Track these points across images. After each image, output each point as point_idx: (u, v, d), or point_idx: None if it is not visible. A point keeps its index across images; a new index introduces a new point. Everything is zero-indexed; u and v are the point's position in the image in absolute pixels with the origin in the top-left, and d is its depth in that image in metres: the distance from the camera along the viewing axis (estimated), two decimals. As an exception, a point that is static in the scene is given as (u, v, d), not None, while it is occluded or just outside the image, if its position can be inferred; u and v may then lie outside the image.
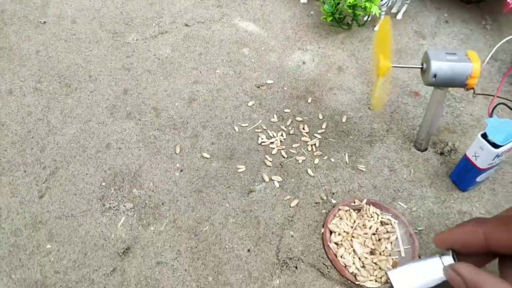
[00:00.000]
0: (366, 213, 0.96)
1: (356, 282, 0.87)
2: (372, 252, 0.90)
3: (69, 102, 1.19)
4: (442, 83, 0.93)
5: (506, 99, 1.00)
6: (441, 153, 1.09)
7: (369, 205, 0.97)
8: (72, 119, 1.15)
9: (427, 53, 0.93)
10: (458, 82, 0.93)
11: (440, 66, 0.91)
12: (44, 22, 1.41)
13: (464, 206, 1.00)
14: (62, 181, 1.02)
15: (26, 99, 1.19)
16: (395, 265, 0.89)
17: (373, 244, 0.91)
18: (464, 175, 1.00)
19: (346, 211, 0.96)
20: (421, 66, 0.95)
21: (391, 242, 0.92)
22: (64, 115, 1.16)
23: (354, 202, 0.98)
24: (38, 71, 1.27)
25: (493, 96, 0.96)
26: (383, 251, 0.91)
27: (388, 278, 0.75)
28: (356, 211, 0.97)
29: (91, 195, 1.00)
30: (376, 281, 0.87)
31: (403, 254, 0.90)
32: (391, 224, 0.95)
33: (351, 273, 0.88)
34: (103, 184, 1.02)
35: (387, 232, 0.93)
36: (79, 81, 1.24)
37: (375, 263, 0.89)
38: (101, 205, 0.98)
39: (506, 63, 1.30)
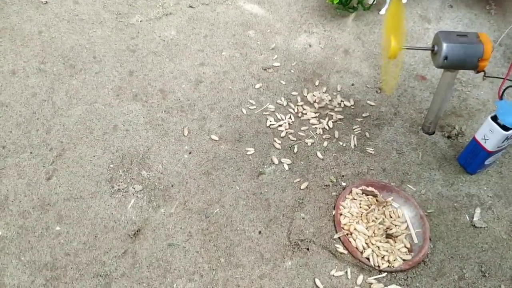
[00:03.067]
0: (378, 200, 0.96)
1: (369, 264, 0.87)
2: (386, 236, 0.91)
3: (74, 83, 1.17)
4: (453, 65, 0.93)
5: (516, 83, 1.00)
6: (449, 137, 1.10)
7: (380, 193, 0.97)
8: (78, 100, 1.13)
9: (438, 35, 0.93)
10: (469, 65, 0.92)
11: (451, 48, 0.90)
12: (46, 2, 1.38)
13: (472, 189, 1.00)
14: (69, 163, 1.01)
15: (30, 80, 1.17)
16: (410, 249, 0.89)
17: (386, 229, 0.92)
18: (472, 158, 1.00)
19: (357, 194, 0.97)
20: (432, 48, 0.95)
21: (402, 227, 0.93)
22: (69, 96, 1.14)
23: (367, 187, 0.98)
24: (41, 51, 1.24)
25: (503, 79, 0.96)
26: (395, 236, 0.91)
27: None
28: (370, 196, 0.97)
29: (100, 177, 0.99)
30: (388, 263, 0.87)
31: (415, 240, 0.91)
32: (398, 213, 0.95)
33: (364, 255, 0.88)
34: (111, 166, 1.01)
35: (396, 217, 0.94)
36: (83, 62, 1.22)
37: (387, 246, 0.89)
38: (110, 187, 0.98)
39: (510, 48, 1.30)
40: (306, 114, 1.12)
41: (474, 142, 0.98)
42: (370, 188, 0.97)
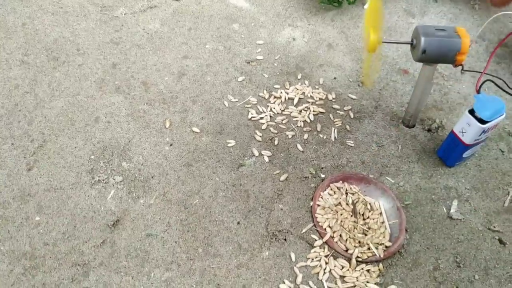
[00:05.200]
0: (352, 192, 0.97)
1: (345, 253, 0.88)
2: (362, 227, 0.92)
3: (56, 75, 1.17)
4: (432, 59, 0.94)
5: (494, 76, 1.01)
6: (429, 130, 1.11)
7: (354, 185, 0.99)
8: (60, 92, 1.14)
9: (417, 29, 0.93)
10: (447, 58, 0.93)
11: (429, 41, 0.91)
12: (30, -5, 1.38)
13: (450, 182, 1.01)
14: (50, 154, 1.02)
15: (13, 71, 1.17)
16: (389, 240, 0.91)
17: (363, 220, 0.93)
18: (450, 151, 1.02)
19: (336, 187, 0.98)
20: (411, 42, 0.96)
21: (377, 218, 0.94)
22: (52, 88, 1.14)
23: (343, 182, 0.99)
24: (24, 44, 1.25)
25: (481, 72, 0.97)
26: (369, 226, 0.92)
27: None
28: (346, 193, 0.98)
29: (80, 168, 1.00)
30: (364, 252, 0.88)
31: (388, 229, 0.92)
32: (372, 204, 0.96)
33: (340, 245, 0.89)
34: (92, 157, 1.02)
35: (372, 209, 0.95)
36: (67, 55, 1.23)
37: (363, 236, 0.91)
38: (90, 178, 0.98)
39: (493, 43, 1.31)
40: (287, 107, 1.13)
41: (452, 136, 0.99)
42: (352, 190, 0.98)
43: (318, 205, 0.94)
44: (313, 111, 1.12)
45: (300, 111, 1.12)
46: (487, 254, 0.90)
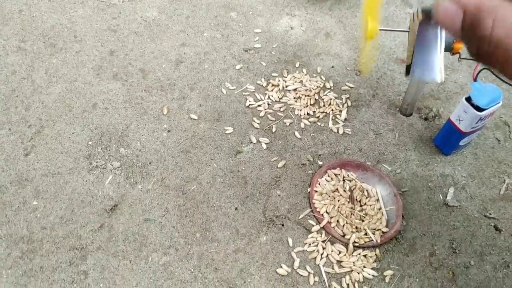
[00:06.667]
0: (349, 178, 0.97)
1: (343, 239, 0.89)
2: (359, 213, 0.92)
3: (54, 62, 1.17)
4: (429, 47, 0.94)
5: (491, 65, 1.02)
6: (426, 119, 1.11)
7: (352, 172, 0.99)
8: (58, 78, 1.13)
9: (415, 17, 0.94)
10: (445, 47, 0.93)
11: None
12: (27, -19, 1.38)
13: (446, 169, 1.02)
14: (48, 140, 1.02)
15: (10, 58, 1.17)
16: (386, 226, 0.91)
17: (360, 206, 0.94)
18: (447, 139, 1.02)
19: (334, 173, 0.98)
20: (408, 30, 0.96)
21: (374, 204, 0.94)
22: (49, 74, 1.14)
23: (340, 169, 0.99)
24: (21, 30, 1.24)
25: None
26: (366, 213, 0.93)
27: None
28: (343, 180, 0.98)
29: (78, 153, 1.00)
30: (361, 237, 0.89)
31: (385, 215, 0.93)
32: (369, 191, 0.97)
33: (337, 230, 0.90)
34: (90, 143, 1.02)
35: (369, 196, 0.96)
36: (64, 42, 1.22)
37: (360, 222, 0.91)
38: (88, 164, 0.98)
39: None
40: (285, 95, 1.13)
41: (449, 123, 1.00)
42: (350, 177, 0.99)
43: (316, 191, 0.95)
44: (311, 99, 1.12)
45: (298, 98, 1.13)
46: (482, 240, 0.91)
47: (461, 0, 0.47)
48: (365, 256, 0.88)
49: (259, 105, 1.11)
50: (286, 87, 1.15)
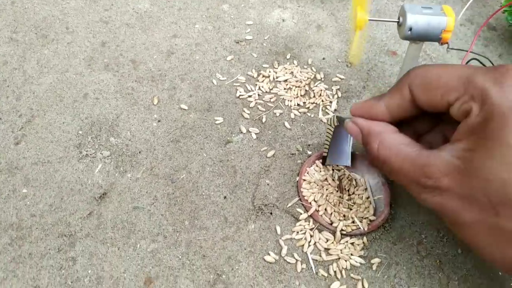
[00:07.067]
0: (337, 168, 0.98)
1: (330, 227, 0.89)
2: (347, 202, 0.93)
3: (45, 52, 1.17)
4: (418, 37, 0.94)
5: (479, 55, 1.02)
6: (415, 110, 1.12)
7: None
8: (49, 69, 1.14)
9: (403, 7, 0.94)
10: (433, 36, 0.94)
11: (416, 19, 0.92)
12: (20, -27, 1.38)
13: (435, 159, 1.02)
14: (38, 129, 1.02)
15: (1, 48, 1.17)
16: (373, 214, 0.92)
17: (349, 195, 0.94)
18: (436, 129, 1.03)
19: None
20: (397, 20, 0.96)
21: (362, 194, 0.95)
22: (40, 65, 1.14)
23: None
24: (13, 21, 1.24)
25: (466, 51, 0.99)
26: (354, 201, 0.93)
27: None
28: (332, 169, 0.99)
29: (68, 142, 1.00)
30: (348, 225, 0.89)
31: (373, 204, 0.93)
32: (358, 180, 0.97)
33: (324, 218, 0.90)
34: (80, 132, 1.02)
35: (357, 185, 0.96)
36: (56, 33, 1.22)
37: (347, 210, 0.92)
38: (78, 152, 0.98)
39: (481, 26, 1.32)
40: (276, 86, 1.14)
41: (438, 114, 1.00)
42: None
43: (304, 180, 0.95)
44: (301, 90, 1.13)
45: (288, 89, 1.13)
46: (469, 228, 0.92)
47: (358, 123, 0.73)
48: (352, 244, 0.88)
49: (250, 96, 1.11)
50: (277, 78, 1.15)
